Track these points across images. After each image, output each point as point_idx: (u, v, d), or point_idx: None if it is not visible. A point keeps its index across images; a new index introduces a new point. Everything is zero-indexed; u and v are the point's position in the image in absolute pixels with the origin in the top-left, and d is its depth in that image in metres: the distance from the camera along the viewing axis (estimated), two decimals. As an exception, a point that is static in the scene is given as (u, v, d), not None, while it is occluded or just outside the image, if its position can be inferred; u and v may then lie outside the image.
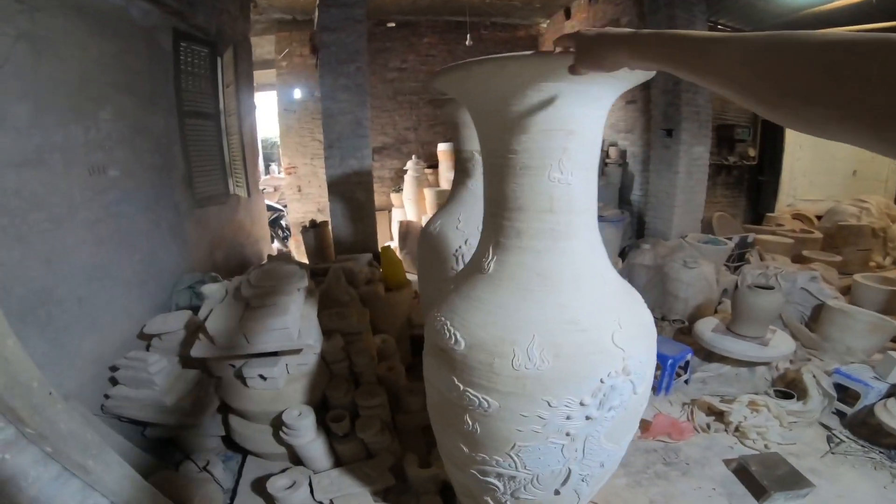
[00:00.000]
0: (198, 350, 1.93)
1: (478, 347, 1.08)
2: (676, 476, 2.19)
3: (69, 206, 2.29)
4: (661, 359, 2.87)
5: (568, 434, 1.08)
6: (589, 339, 1.06)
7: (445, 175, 6.08)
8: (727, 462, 2.28)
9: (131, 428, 2.23)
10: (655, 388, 2.89)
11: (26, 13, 2.01)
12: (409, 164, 6.25)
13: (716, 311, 3.93)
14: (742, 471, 2.17)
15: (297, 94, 6.46)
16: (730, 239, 4.78)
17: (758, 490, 2.04)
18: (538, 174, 1.06)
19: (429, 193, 5.88)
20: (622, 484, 2.13)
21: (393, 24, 6.64)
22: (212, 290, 2.26)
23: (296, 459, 2.11)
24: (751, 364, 3.10)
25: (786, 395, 2.74)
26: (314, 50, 5.67)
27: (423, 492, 1.94)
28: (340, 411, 2.15)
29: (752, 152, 6.50)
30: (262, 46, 6.48)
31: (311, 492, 1.92)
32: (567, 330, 1.05)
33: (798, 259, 4.78)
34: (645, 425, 2.52)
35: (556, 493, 1.22)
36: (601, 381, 1.04)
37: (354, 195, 4.03)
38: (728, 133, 6.15)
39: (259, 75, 7.81)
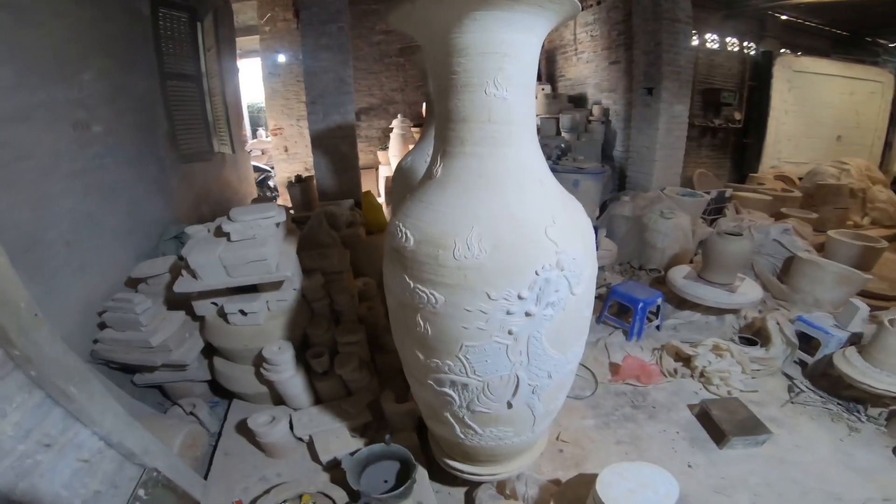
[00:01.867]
0: (181, 285, 2.05)
1: (425, 242, 1.21)
2: (644, 419, 2.30)
3: (55, 157, 2.38)
4: (632, 302, 3.01)
5: (510, 333, 1.21)
6: (524, 232, 1.18)
7: (430, 132, 6.14)
8: (691, 407, 2.38)
9: (121, 376, 2.37)
10: (627, 333, 3.04)
11: None
12: (395, 123, 6.35)
13: (691, 262, 4.06)
14: (704, 415, 2.26)
15: (282, 58, 6.45)
16: (708, 193, 4.90)
17: (718, 435, 2.12)
18: (476, 90, 1.18)
19: (414, 151, 5.95)
20: (591, 425, 2.25)
21: None
22: (195, 229, 2.37)
23: (278, 400, 2.23)
24: (720, 312, 3.24)
25: (751, 343, 2.83)
26: (298, 14, 5.62)
27: (401, 427, 2.05)
28: (320, 348, 2.28)
29: (737, 116, 6.57)
30: (245, 13, 6.42)
31: (291, 428, 2.04)
32: (504, 224, 1.18)
33: (777, 217, 4.91)
34: (615, 368, 2.65)
35: (509, 405, 1.35)
36: (536, 274, 1.16)
37: (339, 148, 4.13)
38: (714, 97, 6.25)
39: (244, 42, 7.72)
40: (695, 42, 5.81)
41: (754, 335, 2.94)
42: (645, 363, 2.64)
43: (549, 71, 6.97)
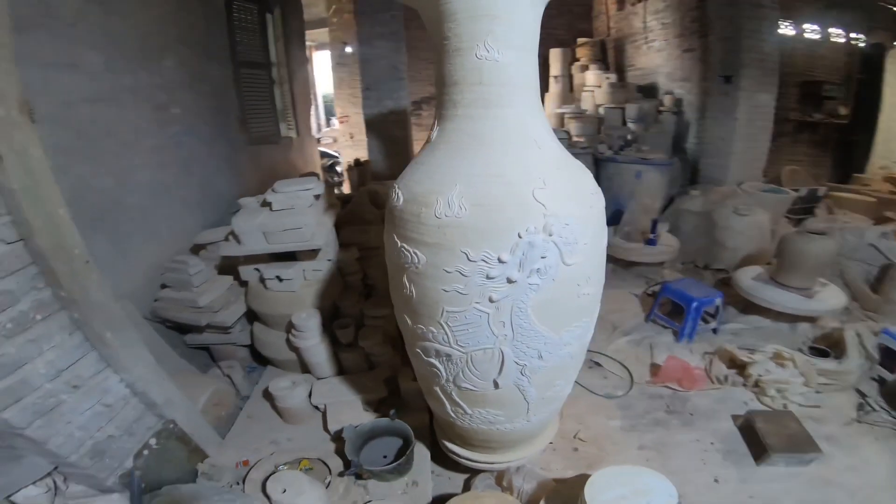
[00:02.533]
0: (226, 249, 2.23)
1: (411, 201, 1.21)
2: (677, 425, 2.11)
3: (136, 134, 2.70)
4: (685, 300, 2.78)
5: (492, 300, 1.17)
6: (510, 192, 1.14)
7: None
8: (735, 418, 2.14)
9: (175, 336, 2.62)
10: (677, 334, 2.81)
11: None
12: None
13: (769, 264, 3.66)
14: (748, 428, 2.02)
15: (348, 49, 6.73)
16: (796, 190, 4.37)
17: (759, 450, 1.90)
18: (467, 54, 1.17)
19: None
20: (616, 426, 2.11)
21: None
22: (247, 200, 2.56)
23: (305, 368, 2.33)
24: (794, 319, 2.89)
25: (822, 354, 2.48)
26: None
27: (414, 406, 2.05)
28: (348, 320, 2.37)
29: (843, 110, 5.82)
30: (317, 6, 6.78)
31: (311, 396, 2.13)
32: (489, 182, 1.15)
33: (879, 222, 4.26)
34: (655, 369, 2.48)
35: (496, 385, 1.31)
36: (519, 237, 1.11)
37: (391, 132, 4.26)
38: (814, 89, 5.65)
39: (318, 34, 8.16)
40: (790, 31, 5.33)
41: (829, 347, 2.57)
42: (689, 366, 2.41)
43: (617, 60, 6.66)
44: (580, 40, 6.99)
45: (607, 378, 2.48)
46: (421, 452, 1.82)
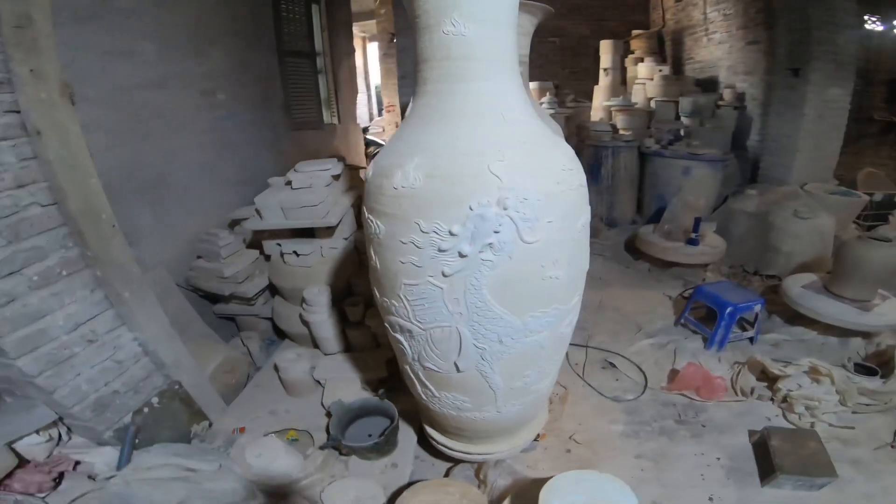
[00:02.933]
0: (250, 223, 2.38)
1: (377, 174, 1.24)
2: (683, 436, 1.98)
3: (183, 117, 2.91)
4: (719, 305, 2.58)
5: (445, 275, 1.15)
6: (464, 163, 1.12)
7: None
8: (752, 434, 1.97)
9: (205, 305, 2.81)
10: (707, 340, 2.62)
11: None
12: None
13: (828, 273, 3.32)
14: (762, 444, 1.86)
15: (394, 40, 6.84)
16: (871, 195, 3.91)
17: (768, 469, 1.73)
18: (435, 30, 1.16)
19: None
20: (618, 431, 2.01)
21: None
22: (275, 179, 2.70)
23: (316, 344, 2.41)
24: (845, 333, 2.60)
25: (868, 372, 2.21)
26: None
27: (410, 388, 2.05)
28: (357, 298, 2.43)
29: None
30: (367, -2, 6.97)
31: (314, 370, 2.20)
32: (446, 154, 1.14)
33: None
34: (672, 375, 2.34)
35: (457, 368, 1.28)
36: (470, 209, 1.09)
37: None
38: None
39: (369, 26, 8.34)
40: (877, 27, 4.83)
41: (879, 365, 2.29)
42: (709, 374, 2.24)
43: (675, 53, 6.34)
44: (635, 32, 6.70)
45: (619, 380, 2.37)
46: (408, 436, 1.83)
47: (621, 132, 5.64)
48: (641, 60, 6.37)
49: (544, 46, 7.07)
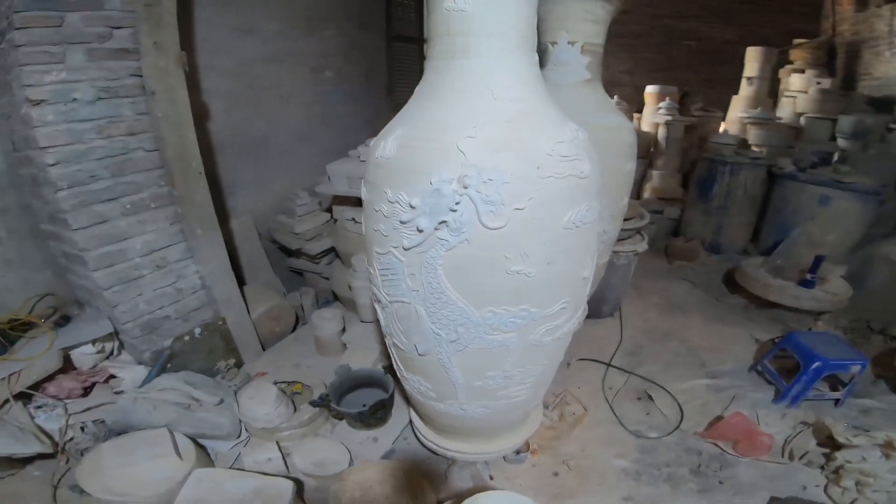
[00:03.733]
0: (321, 187, 2.61)
1: (372, 147, 1.28)
2: (689, 489, 1.73)
3: (292, 90, 3.26)
4: (806, 357, 2.16)
5: (405, 248, 1.14)
6: (434, 137, 1.10)
7: (648, 118, 5.51)
8: (774, 500, 1.67)
9: (282, 257, 3.13)
10: (779, 393, 2.21)
11: None
12: None
13: None
14: None
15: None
16: None
17: None
18: (439, 6, 1.16)
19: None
20: (619, 466, 1.82)
21: None
22: (354, 151, 2.84)
23: (356, 309, 2.49)
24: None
25: None
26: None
27: None
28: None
29: None
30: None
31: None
32: (424, 127, 1.14)
33: None
34: (714, 422, 2.04)
35: (418, 351, 1.27)
36: (430, 183, 1.06)
37: None
38: None
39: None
40: None
41: None
42: (756, 429, 1.89)
43: (847, 67, 5.33)
44: (797, 41, 5.73)
45: (650, 415, 2.12)
46: (402, 418, 1.86)
47: (753, 148, 4.93)
48: (801, 72, 5.44)
49: (676, 50, 6.47)
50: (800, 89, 5.13)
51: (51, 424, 1.74)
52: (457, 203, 1.05)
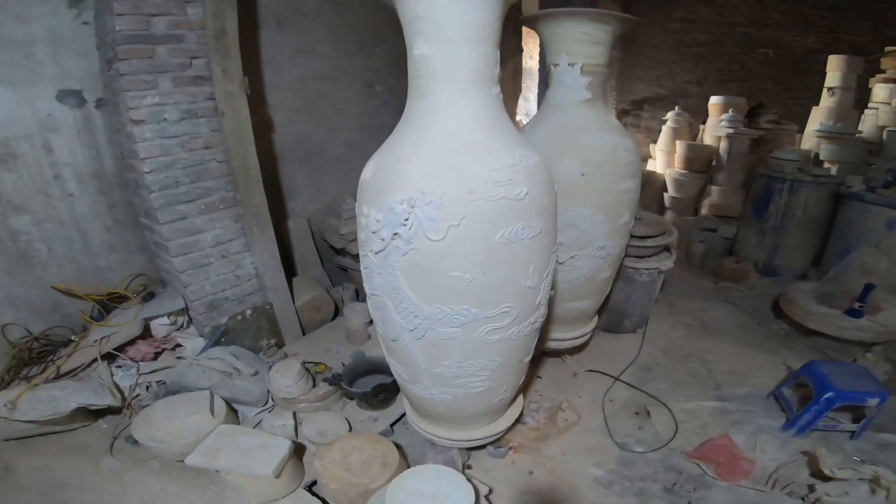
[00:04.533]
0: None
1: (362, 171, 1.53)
2: None
3: (346, 104, 3.63)
4: (820, 387, 2.11)
5: (375, 252, 1.40)
6: (395, 166, 1.35)
7: (711, 131, 5.29)
8: None
9: (331, 254, 3.47)
10: (789, 420, 2.16)
11: None
12: (670, 115, 5.79)
13: None
14: None
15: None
16: None
17: None
18: (411, 51, 1.38)
19: (680, 146, 5.30)
20: (593, 475, 1.91)
21: None
22: None
23: None
24: None
25: None
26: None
27: None
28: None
29: None
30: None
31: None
32: (389, 157, 1.39)
33: None
34: (701, 443, 2.07)
35: (391, 337, 1.53)
36: (389, 203, 1.32)
37: None
38: None
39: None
40: None
41: None
42: (738, 454, 1.89)
43: None
44: (889, 49, 5.16)
45: (643, 429, 2.17)
46: (405, 401, 2.08)
47: (826, 164, 4.58)
48: (893, 82, 4.92)
49: (750, 59, 6.08)
50: (883, 100, 4.64)
51: (124, 382, 2.19)
52: (406, 219, 1.29)
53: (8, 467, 1.87)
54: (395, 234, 1.32)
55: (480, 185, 1.28)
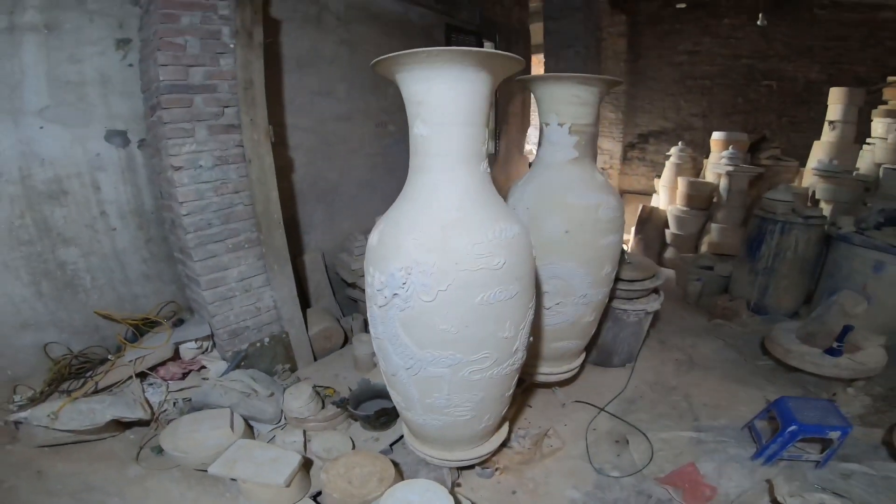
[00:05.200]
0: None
1: (370, 235, 1.77)
2: None
3: (360, 144, 3.90)
4: (785, 420, 2.30)
5: (378, 306, 1.65)
6: (397, 235, 1.58)
7: (712, 168, 5.43)
8: None
9: (343, 286, 3.69)
10: (758, 450, 2.32)
11: (343, 26, 3.57)
12: (673, 150, 5.93)
13: None
14: None
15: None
16: None
17: None
18: (412, 129, 1.62)
19: (682, 183, 5.44)
20: (569, 497, 2.07)
21: (684, 5, 6.18)
22: None
23: None
24: None
25: None
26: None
27: None
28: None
29: None
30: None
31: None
32: (392, 227, 1.63)
33: None
34: (673, 470, 2.24)
35: (391, 371, 1.75)
36: (390, 269, 1.56)
37: None
38: None
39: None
40: None
41: None
42: (700, 481, 2.07)
43: None
44: (891, 78, 5.20)
45: (620, 456, 2.35)
46: (403, 424, 2.28)
47: (822, 203, 4.70)
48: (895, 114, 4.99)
49: (754, 91, 6.19)
50: (881, 136, 4.67)
51: (154, 398, 2.45)
52: (403, 283, 1.54)
53: (40, 471, 2.04)
54: (395, 294, 1.57)
55: (464, 258, 1.52)
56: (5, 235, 2.40)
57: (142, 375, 2.51)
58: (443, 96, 1.49)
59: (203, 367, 2.64)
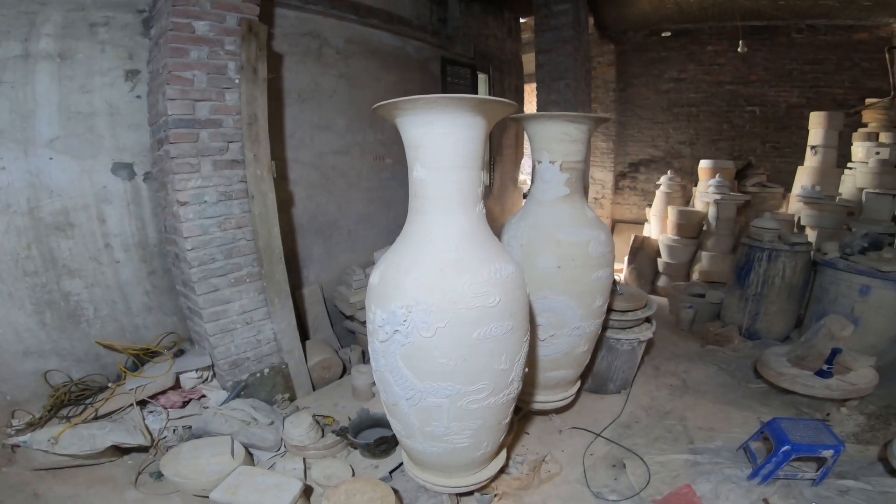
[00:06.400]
0: (368, 270, 3.24)
1: (371, 274, 1.83)
2: None
3: (358, 177, 4.00)
4: (778, 440, 2.34)
5: (380, 341, 1.71)
6: (396, 275, 1.66)
7: (700, 196, 5.55)
8: None
9: (341, 318, 3.74)
10: (753, 470, 2.35)
11: (343, 60, 3.72)
12: (662, 179, 6.04)
13: None
14: None
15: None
16: None
17: None
18: (411, 172, 1.71)
19: (671, 213, 5.55)
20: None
21: (669, 34, 6.45)
22: None
23: None
24: None
25: None
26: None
27: None
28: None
29: None
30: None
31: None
32: (391, 267, 1.71)
33: None
34: (669, 492, 2.25)
35: (392, 401, 1.80)
36: (392, 307, 1.63)
37: None
38: None
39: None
40: None
41: None
42: (698, 502, 2.08)
43: None
44: (869, 101, 5.36)
45: (618, 480, 2.38)
46: (402, 452, 2.30)
47: (808, 229, 4.83)
48: (875, 137, 5.02)
49: (738, 116, 6.39)
50: (861, 160, 4.79)
51: (154, 425, 2.47)
52: (404, 321, 1.62)
53: (37, 494, 2.04)
54: (396, 330, 1.65)
55: (461, 297, 1.59)
56: (11, 267, 2.43)
57: (142, 403, 2.53)
58: (440, 141, 1.58)
59: (203, 395, 2.67)
